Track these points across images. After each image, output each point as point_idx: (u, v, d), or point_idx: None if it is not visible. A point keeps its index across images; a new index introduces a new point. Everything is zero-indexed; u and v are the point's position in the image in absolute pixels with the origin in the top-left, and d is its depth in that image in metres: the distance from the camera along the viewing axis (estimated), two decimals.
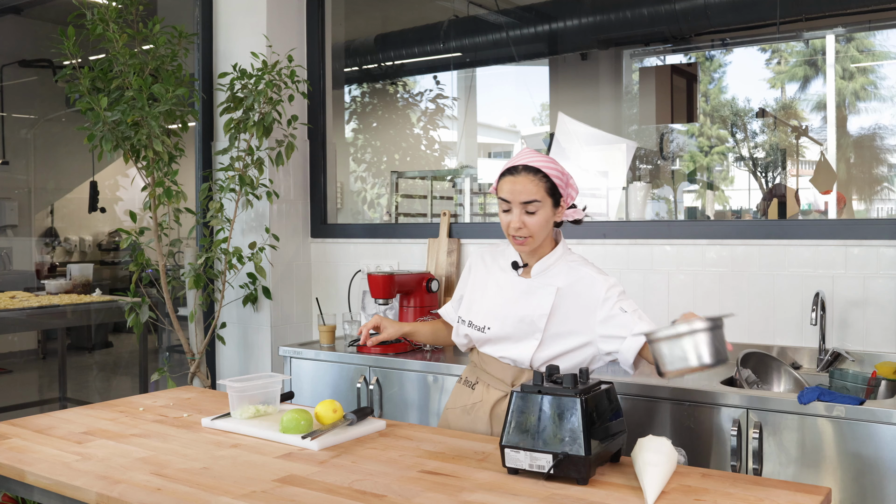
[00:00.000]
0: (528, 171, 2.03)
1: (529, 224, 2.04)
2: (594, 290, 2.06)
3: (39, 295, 5.10)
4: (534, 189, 2.02)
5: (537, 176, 2.03)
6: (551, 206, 2.05)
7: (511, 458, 1.74)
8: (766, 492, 1.61)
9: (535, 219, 2.04)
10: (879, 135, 6.39)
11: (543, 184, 2.03)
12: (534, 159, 2.06)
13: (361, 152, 7.06)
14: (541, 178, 2.03)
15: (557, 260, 2.12)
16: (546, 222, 2.06)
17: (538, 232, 2.06)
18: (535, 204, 2.03)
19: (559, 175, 2.06)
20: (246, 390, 2.21)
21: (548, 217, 2.06)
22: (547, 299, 2.07)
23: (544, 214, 2.04)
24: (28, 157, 6.30)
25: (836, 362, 2.72)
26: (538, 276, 2.12)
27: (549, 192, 2.04)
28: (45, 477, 1.81)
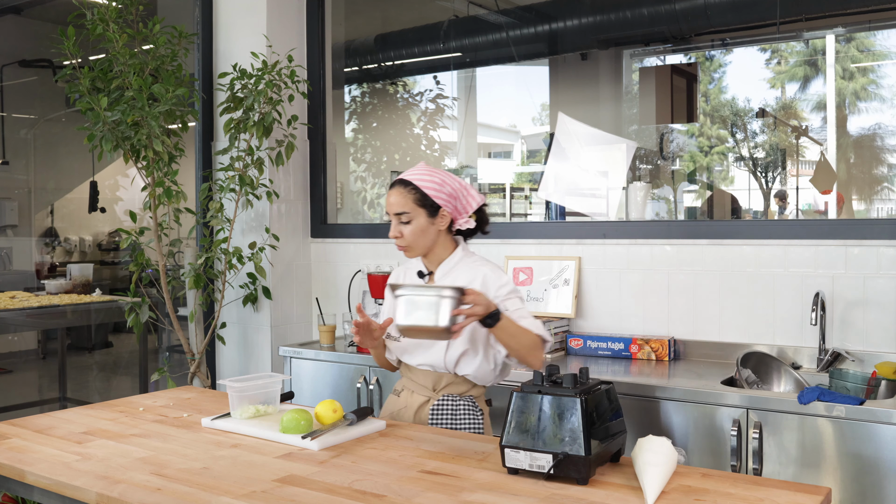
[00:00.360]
0: (400, 185, 2.20)
1: (405, 233, 2.20)
2: (487, 289, 2.17)
3: (39, 295, 5.10)
4: (402, 201, 2.19)
5: (407, 188, 2.19)
6: (426, 216, 2.19)
7: (511, 458, 1.74)
8: (766, 492, 1.61)
9: (409, 228, 2.19)
10: (879, 135, 6.39)
11: (412, 195, 2.18)
12: (411, 174, 2.22)
13: (361, 152, 7.06)
14: (410, 189, 2.19)
15: (458, 262, 2.25)
16: (422, 231, 2.20)
17: (414, 241, 2.20)
18: (406, 215, 2.19)
19: (435, 187, 2.19)
20: (246, 390, 2.21)
21: (423, 226, 2.19)
22: None
23: (418, 224, 2.19)
24: (28, 157, 6.31)
25: (836, 362, 2.72)
26: (440, 281, 2.25)
27: (419, 203, 2.18)
28: (45, 477, 1.81)
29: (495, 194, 6.67)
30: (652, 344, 2.99)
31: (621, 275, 3.16)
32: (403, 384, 2.35)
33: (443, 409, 2.24)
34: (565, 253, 3.29)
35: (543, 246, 3.35)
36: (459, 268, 2.24)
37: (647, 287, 3.11)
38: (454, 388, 2.25)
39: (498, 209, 6.58)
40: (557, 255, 3.31)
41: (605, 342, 3.07)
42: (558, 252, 3.31)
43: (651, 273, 3.10)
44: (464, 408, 2.23)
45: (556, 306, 3.25)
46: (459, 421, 2.22)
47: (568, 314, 3.21)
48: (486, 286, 2.18)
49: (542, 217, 5.49)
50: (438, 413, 2.23)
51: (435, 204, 2.19)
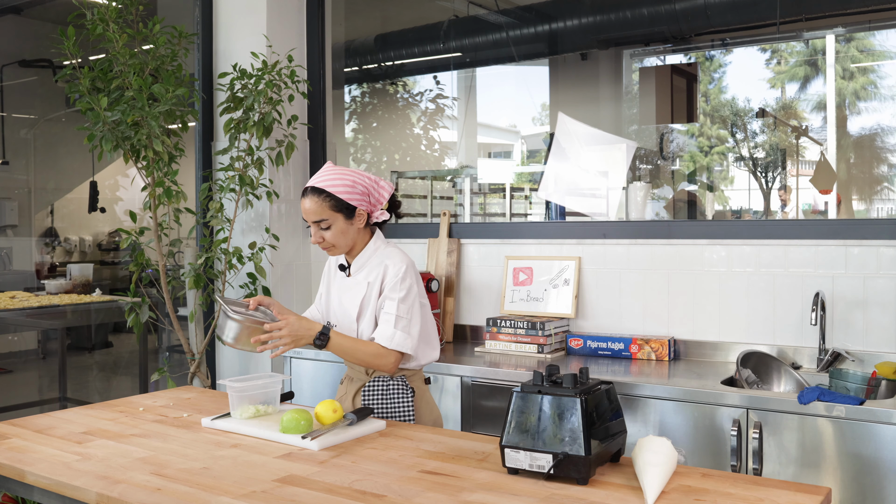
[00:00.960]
0: (314, 193, 2.24)
1: (327, 237, 2.26)
2: (386, 279, 2.27)
3: (39, 295, 5.10)
4: (318, 209, 2.23)
5: (321, 196, 2.23)
6: (343, 219, 2.25)
7: (511, 458, 1.74)
8: (766, 492, 1.61)
9: (331, 232, 2.25)
10: (880, 135, 6.39)
11: (328, 203, 2.22)
12: (321, 179, 2.25)
13: (361, 152, 7.06)
14: (324, 197, 2.22)
15: (371, 255, 2.33)
16: (343, 233, 2.26)
17: (338, 242, 2.27)
18: (325, 221, 2.24)
19: (347, 189, 2.23)
20: (246, 390, 2.21)
21: (343, 228, 2.26)
22: (359, 293, 2.31)
23: (338, 227, 2.25)
24: (28, 157, 6.30)
25: (836, 362, 2.72)
26: (356, 273, 2.35)
27: (335, 209, 2.23)
28: (45, 477, 1.81)
29: (495, 194, 6.67)
30: (652, 344, 2.99)
31: (621, 275, 3.16)
32: (346, 373, 2.44)
33: (373, 390, 2.32)
34: (565, 253, 3.29)
35: (543, 246, 3.35)
36: (372, 260, 2.33)
37: (647, 287, 3.11)
38: None
39: (498, 209, 6.58)
40: (557, 255, 3.31)
41: (605, 342, 3.07)
42: (558, 252, 3.31)
43: (651, 273, 3.10)
44: (394, 387, 2.32)
45: (556, 306, 3.25)
46: (390, 401, 2.31)
47: (568, 314, 3.21)
48: (387, 276, 2.27)
49: (542, 217, 5.49)
50: (369, 395, 2.32)
51: (350, 206, 2.24)
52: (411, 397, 2.33)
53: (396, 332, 2.22)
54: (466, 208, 6.18)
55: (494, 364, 2.96)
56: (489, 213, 6.42)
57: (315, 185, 2.24)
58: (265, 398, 2.25)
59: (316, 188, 2.24)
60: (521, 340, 3.12)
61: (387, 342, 2.21)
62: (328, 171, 2.28)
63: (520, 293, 3.34)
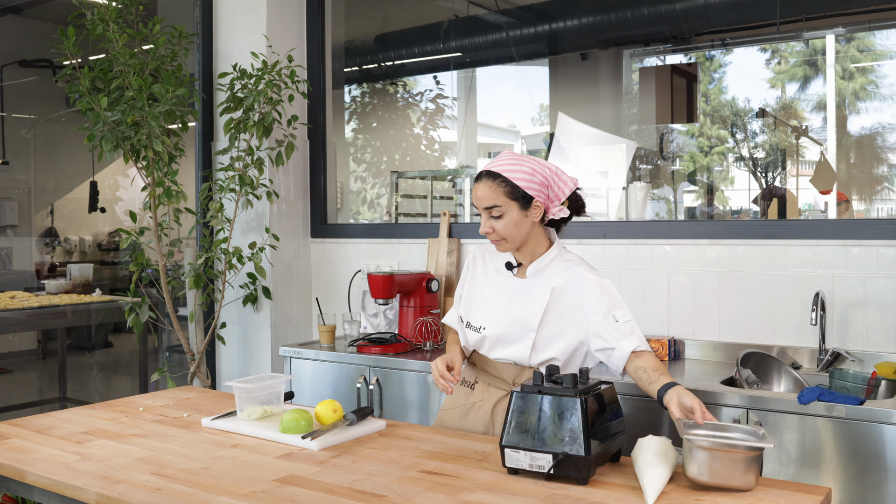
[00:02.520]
0: (489, 177, 2.04)
1: (498, 228, 2.05)
2: (587, 291, 2.06)
3: (39, 295, 5.09)
4: (492, 195, 2.03)
5: (496, 181, 2.03)
6: (518, 208, 2.04)
7: (511, 459, 1.74)
8: (766, 492, 1.61)
9: (502, 222, 2.04)
10: (880, 134, 6.39)
11: (503, 188, 2.03)
12: (498, 163, 2.06)
13: (361, 152, 7.06)
14: (499, 182, 2.03)
15: (553, 260, 2.12)
16: (516, 225, 2.05)
17: (510, 235, 2.06)
18: (498, 209, 2.03)
19: (526, 177, 2.03)
20: (254, 391, 2.20)
21: (516, 220, 2.04)
22: (541, 299, 2.08)
23: (511, 217, 2.04)
24: (28, 157, 6.30)
25: (836, 362, 2.72)
26: (533, 277, 2.12)
27: (511, 196, 2.03)
28: (45, 477, 1.81)
29: None
30: (652, 344, 2.99)
31: (621, 275, 3.16)
32: (476, 375, 2.22)
33: None
34: None
35: None
36: (554, 265, 2.11)
37: (647, 287, 3.11)
38: None
39: None
40: None
41: None
42: None
43: (651, 273, 3.10)
44: None
45: None
46: None
47: None
48: (586, 288, 2.06)
49: None
50: None
51: (527, 195, 2.03)
52: None
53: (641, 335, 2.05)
54: (466, 208, 6.18)
55: None
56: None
57: (491, 168, 2.05)
58: (270, 399, 2.24)
59: (491, 172, 2.04)
60: None
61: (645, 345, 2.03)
62: (506, 156, 2.07)
63: None
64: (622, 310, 2.05)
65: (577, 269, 2.09)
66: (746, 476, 1.59)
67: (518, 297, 2.12)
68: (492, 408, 2.15)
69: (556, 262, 2.12)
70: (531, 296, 2.10)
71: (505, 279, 2.17)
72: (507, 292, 2.14)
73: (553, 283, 2.09)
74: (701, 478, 1.61)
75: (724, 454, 1.59)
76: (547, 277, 2.10)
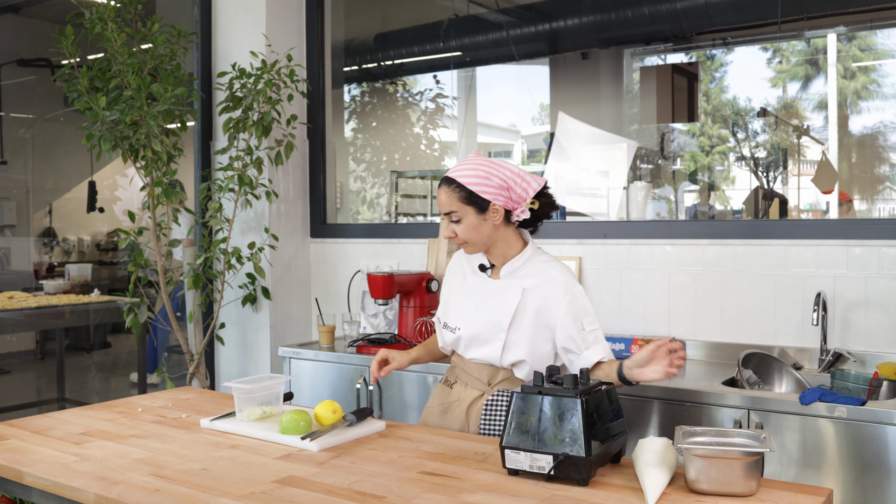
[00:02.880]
0: (446, 183, 2.11)
1: (458, 232, 2.11)
2: (557, 294, 2.09)
3: (38, 295, 5.08)
4: (448, 201, 2.09)
5: (451, 187, 2.09)
6: (475, 213, 2.08)
7: (511, 459, 1.73)
8: (768, 493, 1.60)
9: (461, 227, 2.10)
10: (882, 134, 6.38)
11: (458, 194, 2.08)
12: (455, 169, 2.11)
13: (361, 152, 7.05)
14: (454, 188, 2.08)
15: (527, 261, 2.16)
16: (474, 228, 2.09)
17: (470, 238, 2.11)
18: (455, 214, 2.09)
19: (480, 181, 2.07)
20: (254, 392, 2.19)
21: (474, 224, 2.09)
22: (512, 300, 2.11)
23: (469, 221, 2.09)
24: (26, 156, 6.30)
25: (838, 363, 2.71)
26: (506, 278, 2.16)
27: (466, 201, 2.08)
28: (44, 478, 1.80)
29: None
30: None
31: (622, 275, 3.15)
32: (456, 375, 2.26)
33: (497, 405, 2.14)
34: (566, 253, 3.28)
35: (544, 246, 3.33)
36: (528, 267, 2.14)
37: (648, 287, 3.10)
38: (510, 384, 2.16)
39: None
40: (558, 254, 3.30)
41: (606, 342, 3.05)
42: (559, 252, 3.30)
43: (652, 273, 3.09)
44: None
45: None
46: None
47: None
48: (556, 291, 2.09)
49: None
50: (492, 409, 2.15)
51: (483, 199, 2.07)
52: None
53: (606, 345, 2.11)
54: None
55: None
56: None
57: (448, 174, 2.11)
58: (270, 399, 2.23)
59: (447, 178, 2.10)
60: None
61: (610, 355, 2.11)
62: (466, 160, 2.12)
63: None
64: (590, 318, 2.10)
65: (551, 272, 2.13)
66: (747, 482, 1.58)
67: (490, 298, 2.16)
68: (467, 407, 2.20)
69: (530, 264, 2.16)
70: (503, 297, 2.14)
71: (479, 280, 2.21)
72: (481, 293, 2.19)
73: (525, 284, 2.12)
74: (700, 486, 1.60)
75: (721, 461, 1.58)
76: (520, 279, 2.14)
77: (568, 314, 2.07)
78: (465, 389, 2.22)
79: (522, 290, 2.11)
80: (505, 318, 2.11)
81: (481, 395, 2.18)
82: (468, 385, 2.21)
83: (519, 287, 2.12)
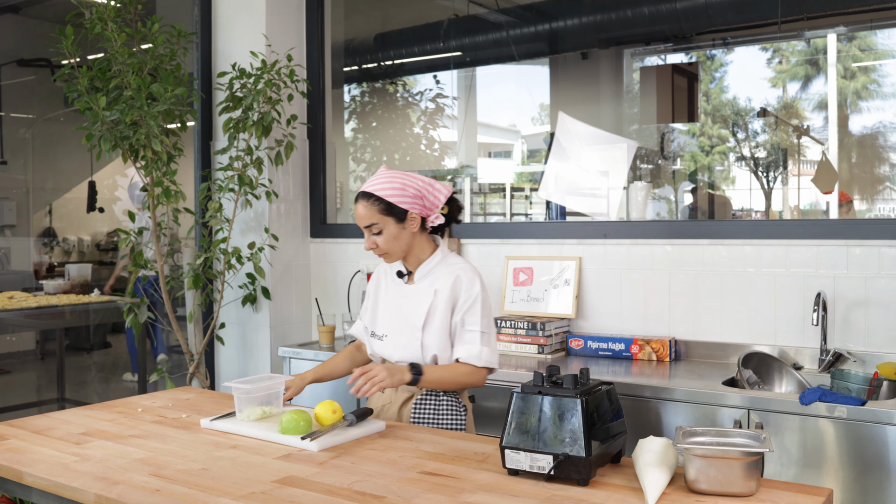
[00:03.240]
0: (364, 198, 2.22)
1: (379, 243, 2.23)
2: (458, 290, 2.24)
3: (38, 295, 5.09)
4: (368, 214, 2.21)
5: (370, 200, 2.20)
6: (394, 223, 2.21)
7: (511, 459, 1.73)
8: (768, 493, 1.60)
9: (382, 238, 2.22)
10: (882, 134, 6.38)
11: (377, 206, 2.20)
12: (371, 184, 2.23)
13: (361, 152, 7.05)
14: (373, 201, 2.20)
15: (438, 264, 2.29)
16: (395, 238, 2.22)
17: (391, 248, 2.24)
18: (376, 226, 2.21)
19: (397, 192, 2.19)
20: (253, 392, 2.19)
21: (395, 233, 2.22)
22: (425, 302, 2.25)
23: (390, 232, 2.21)
24: (26, 156, 6.30)
25: (838, 363, 2.71)
26: (419, 281, 2.30)
27: (385, 213, 2.20)
28: (44, 478, 1.80)
29: (495, 194, 6.67)
30: (653, 344, 2.98)
31: (622, 275, 3.15)
32: None
33: (425, 405, 2.27)
34: (566, 253, 3.28)
35: (544, 246, 3.34)
36: (438, 269, 2.29)
37: (648, 287, 3.10)
38: None
39: (498, 209, 6.57)
40: (558, 255, 3.30)
41: (606, 342, 3.06)
42: (559, 252, 3.30)
43: (652, 273, 3.09)
44: (446, 405, 2.27)
45: (557, 306, 3.24)
46: (442, 418, 2.26)
47: (568, 314, 3.20)
48: (460, 289, 2.24)
49: (543, 217, 5.48)
50: (421, 409, 2.27)
51: (401, 209, 2.20)
52: (464, 414, 2.28)
53: (483, 349, 2.21)
54: (466, 208, 6.17)
55: None
56: (489, 212, 6.42)
57: (365, 189, 2.22)
58: (270, 399, 2.24)
59: (365, 192, 2.21)
60: (522, 341, 3.11)
61: (476, 360, 2.20)
62: (379, 175, 2.24)
63: (520, 293, 3.33)
64: (474, 317, 2.22)
65: (458, 273, 2.26)
66: (747, 482, 1.58)
67: (407, 302, 2.30)
68: (398, 409, 2.31)
69: (441, 266, 2.29)
70: (417, 299, 2.28)
71: (398, 287, 2.35)
72: (399, 298, 2.33)
73: (437, 285, 2.26)
74: (699, 486, 1.60)
75: (721, 461, 1.58)
76: (432, 281, 2.28)
77: (460, 309, 2.23)
78: (396, 393, 2.32)
79: (434, 291, 2.25)
80: (419, 319, 2.24)
81: (411, 397, 2.29)
82: (398, 389, 2.31)
83: (431, 289, 2.26)
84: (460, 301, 2.23)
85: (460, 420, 2.27)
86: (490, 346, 2.23)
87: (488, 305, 2.27)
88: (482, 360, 2.21)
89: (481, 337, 2.21)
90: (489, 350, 2.22)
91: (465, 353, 2.21)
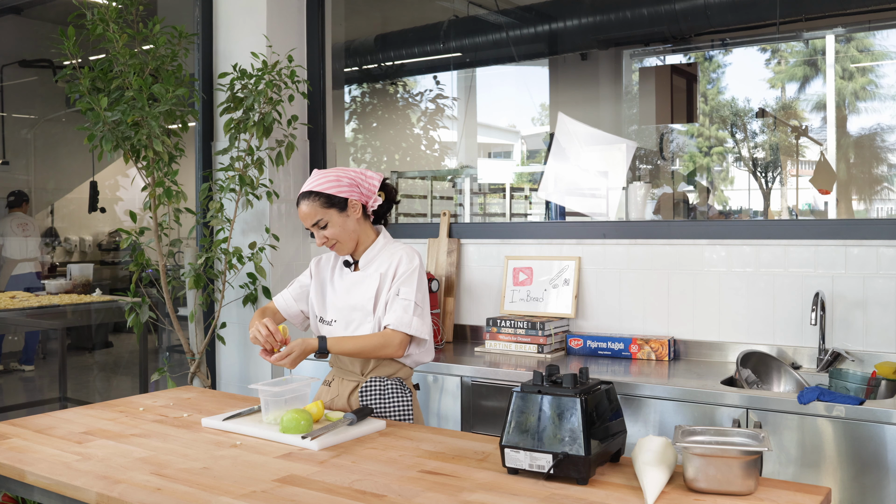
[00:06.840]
0: (304, 197, 2.30)
1: (329, 236, 2.31)
2: (399, 267, 2.31)
3: (40, 295, 5.09)
4: (312, 211, 2.28)
5: (310, 198, 2.29)
6: (337, 213, 2.29)
7: (511, 458, 1.74)
8: (766, 492, 1.61)
9: (331, 230, 2.30)
10: (879, 134, 6.39)
11: (318, 201, 2.28)
12: (308, 183, 2.31)
13: (361, 152, 7.06)
14: (314, 197, 2.29)
15: (381, 249, 2.38)
16: (342, 227, 2.30)
17: (340, 237, 2.31)
18: (321, 221, 2.29)
19: (333, 184, 2.29)
20: (281, 395, 2.16)
21: (340, 223, 2.30)
22: (372, 286, 2.33)
23: (335, 222, 2.29)
24: (28, 157, 6.31)
25: (836, 362, 2.72)
26: (364, 267, 2.38)
27: (327, 205, 2.28)
28: (46, 477, 1.81)
29: (495, 194, 6.67)
30: (652, 344, 2.99)
31: (621, 275, 3.16)
32: (333, 373, 2.44)
33: (371, 389, 2.32)
34: (565, 253, 3.29)
35: (543, 246, 3.35)
36: (382, 254, 2.37)
37: (647, 287, 3.11)
38: (382, 371, 2.34)
39: (498, 209, 6.58)
40: (557, 255, 3.31)
41: (605, 342, 3.07)
42: (558, 252, 3.31)
43: (651, 273, 3.11)
44: (392, 388, 2.32)
45: (556, 306, 3.25)
46: (389, 401, 2.31)
47: (568, 314, 3.21)
48: (396, 266, 2.32)
49: (542, 217, 5.49)
50: (368, 394, 2.31)
51: (341, 198, 2.28)
52: (410, 398, 2.34)
53: (414, 319, 2.25)
54: (466, 208, 6.18)
55: (494, 364, 2.96)
56: (489, 213, 6.43)
57: (303, 190, 2.32)
58: (297, 402, 2.20)
59: (305, 192, 2.30)
60: (521, 340, 3.12)
61: (406, 328, 2.24)
62: (313, 176, 2.34)
63: (520, 293, 3.34)
64: (409, 288, 2.29)
65: (400, 255, 2.34)
66: (745, 481, 1.59)
67: (355, 288, 2.36)
68: (346, 400, 2.36)
69: (384, 251, 2.38)
70: (364, 285, 2.35)
71: (345, 274, 2.42)
72: (347, 284, 2.39)
73: (381, 269, 2.34)
74: (698, 484, 1.61)
75: (720, 460, 1.59)
76: (377, 265, 2.36)
77: (397, 281, 2.30)
78: (342, 384, 2.38)
79: (380, 276, 2.33)
80: (369, 303, 2.31)
81: (357, 386, 2.35)
82: (344, 379, 2.38)
83: (377, 273, 2.34)
84: (398, 273, 2.30)
85: (406, 404, 2.32)
86: (422, 318, 2.28)
87: (424, 283, 2.33)
88: (412, 328, 2.25)
89: (414, 308, 2.26)
90: (420, 321, 2.26)
91: (395, 320, 2.25)
